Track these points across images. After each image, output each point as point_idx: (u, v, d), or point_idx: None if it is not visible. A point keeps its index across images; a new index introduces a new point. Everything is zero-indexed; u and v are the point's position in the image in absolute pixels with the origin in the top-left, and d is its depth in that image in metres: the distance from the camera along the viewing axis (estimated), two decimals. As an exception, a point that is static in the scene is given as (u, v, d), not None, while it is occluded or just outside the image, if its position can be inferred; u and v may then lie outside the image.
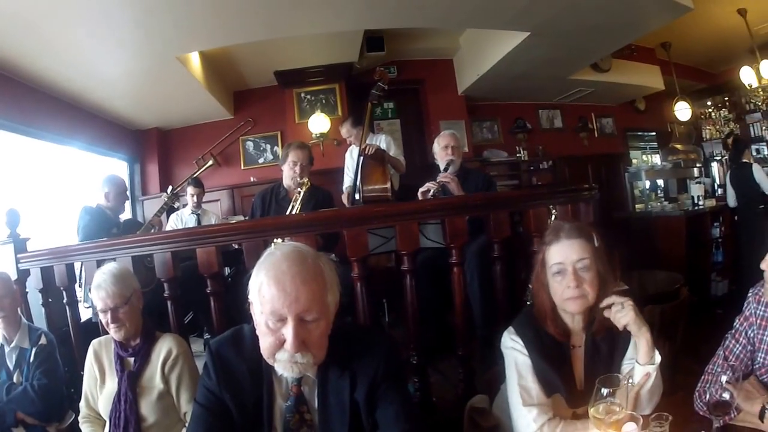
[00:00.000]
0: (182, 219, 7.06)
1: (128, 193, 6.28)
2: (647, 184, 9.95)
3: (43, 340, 3.77)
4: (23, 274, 4.26)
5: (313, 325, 1.92)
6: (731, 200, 8.32)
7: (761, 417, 2.03)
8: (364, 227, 3.42)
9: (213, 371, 2.10)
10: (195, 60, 7.41)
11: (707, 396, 2.10)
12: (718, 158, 11.95)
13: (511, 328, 2.52)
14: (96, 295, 3.02)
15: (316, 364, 2.01)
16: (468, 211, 3.78)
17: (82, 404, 3.21)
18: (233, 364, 2.10)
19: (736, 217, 8.15)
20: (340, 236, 3.62)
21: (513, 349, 2.46)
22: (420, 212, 3.68)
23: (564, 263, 2.33)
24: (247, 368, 2.08)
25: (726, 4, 8.49)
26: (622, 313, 2.29)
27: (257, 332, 1.99)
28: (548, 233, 2.45)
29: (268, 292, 1.89)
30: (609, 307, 2.33)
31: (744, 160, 8.15)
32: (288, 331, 1.87)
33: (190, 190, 6.99)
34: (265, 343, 1.94)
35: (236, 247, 4.25)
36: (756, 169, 7.71)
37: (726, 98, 12.40)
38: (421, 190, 4.99)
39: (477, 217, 4.02)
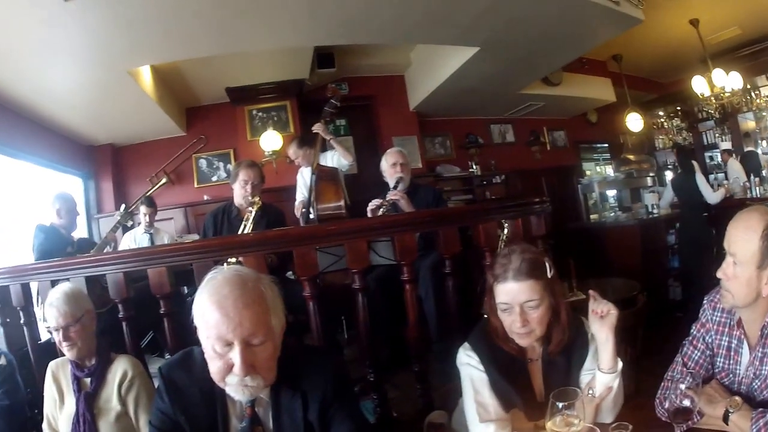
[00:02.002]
0: (135, 238, 7.01)
1: (78, 209, 6.21)
2: (600, 194, 10.07)
3: (2, 361, 3.72)
4: (-20, 294, 4.19)
5: (259, 349, 1.93)
6: (665, 204, 8.56)
7: (725, 419, 2.05)
8: (313, 246, 3.43)
9: (166, 394, 2.10)
10: (146, 75, 7.37)
11: (667, 403, 2.10)
12: (671, 167, 12.09)
13: (466, 344, 2.50)
14: (48, 313, 3.04)
15: (266, 386, 2.02)
16: (417, 227, 3.81)
17: (44, 426, 3.20)
18: (185, 387, 2.10)
19: (677, 225, 8.28)
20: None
21: (468, 365, 2.44)
22: (369, 230, 3.69)
23: (510, 303, 2.29)
24: (200, 390, 2.08)
25: (678, 15, 8.68)
26: (602, 321, 2.32)
27: (205, 356, 1.99)
28: (498, 266, 2.35)
29: (212, 317, 1.90)
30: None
31: (685, 168, 8.27)
32: (235, 356, 1.88)
33: (142, 209, 6.94)
34: (213, 368, 1.95)
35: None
36: (698, 176, 7.83)
37: (678, 108, 12.68)
38: (370, 207, 5.06)
39: (429, 232, 4.06)
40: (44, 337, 4.20)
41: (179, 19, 5.65)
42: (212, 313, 1.90)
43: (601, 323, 2.32)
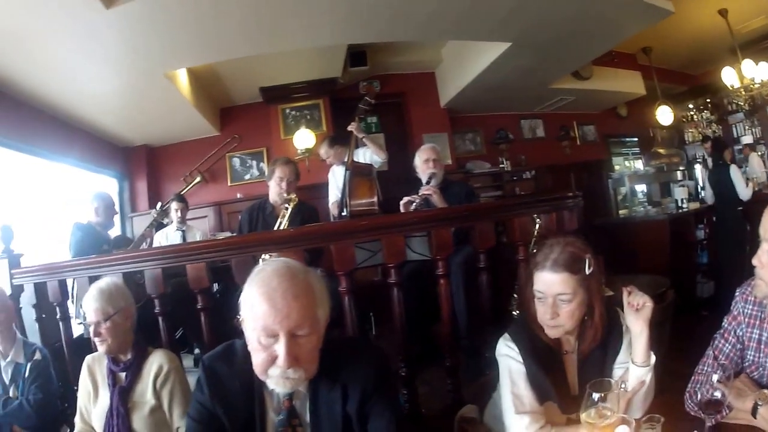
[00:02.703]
0: (167, 236, 7.05)
1: (116, 207, 6.29)
2: (630, 189, 10.01)
3: (37, 356, 3.79)
4: (17, 290, 4.23)
5: (304, 340, 1.93)
6: (709, 199, 8.36)
7: (753, 413, 2.03)
8: (350, 241, 3.44)
9: (206, 386, 2.12)
10: (182, 77, 7.45)
11: (698, 396, 2.09)
12: (700, 160, 11.79)
13: (506, 335, 2.53)
14: (83, 308, 3.09)
15: (307, 378, 2.02)
16: (453, 222, 3.81)
17: (77, 419, 3.22)
18: (225, 379, 2.12)
19: (714, 218, 8.14)
20: (325, 251, 3.65)
21: (507, 356, 2.47)
22: (405, 225, 3.70)
23: (545, 293, 2.32)
24: (239, 383, 2.09)
25: (706, 6, 8.53)
26: (637, 314, 2.32)
27: (249, 348, 2.00)
28: (540, 253, 2.40)
29: (260, 308, 1.90)
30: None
31: (720, 162, 8.09)
32: (280, 347, 1.89)
33: (174, 205, 7.00)
34: (257, 359, 1.96)
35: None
36: (733, 170, 7.68)
37: (708, 100, 12.41)
38: (403, 201, 5.04)
39: (461, 228, 4.06)
40: (76, 332, 4.32)
41: (216, 22, 5.70)
42: (260, 304, 1.91)
43: (637, 316, 2.31)
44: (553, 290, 2.30)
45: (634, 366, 2.32)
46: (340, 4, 5.81)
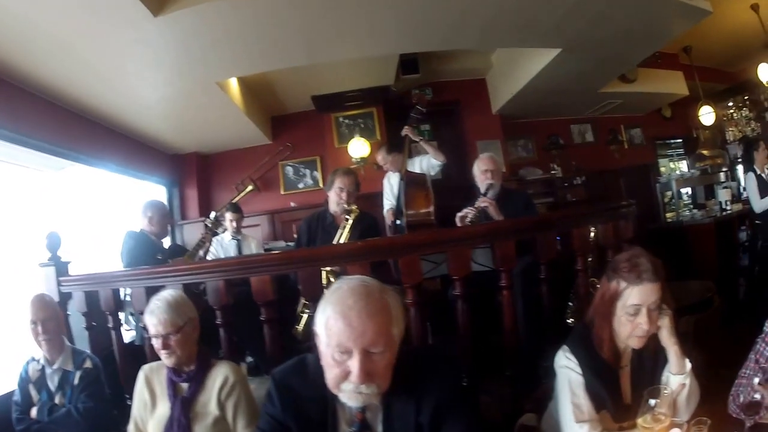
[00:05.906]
0: (222, 245, 7.12)
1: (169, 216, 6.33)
2: (676, 192, 10.14)
3: (88, 364, 3.84)
4: (64, 297, 4.28)
5: (378, 357, 1.96)
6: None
7: None
8: (416, 254, 3.45)
9: (277, 399, 2.16)
10: (234, 85, 7.51)
11: (741, 398, 2.18)
12: (740, 161, 11.71)
13: (565, 347, 2.62)
14: (148, 320, 3.08)
15: (380, 393, 2.04)
16: (516, 235, 3.79)
17: (130, 428, 3.23)
18: (297, 392, 2.15)
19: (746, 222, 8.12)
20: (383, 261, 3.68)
21: (567, 367, 2.56)
22: (470, 238, 3.71)
23: (642, 305, 2.38)
24: (312, 395, 2.12)
25: (739, 1, 8.47)
26: (659, 333, 2.45)
27: (323, 363, 2.03)
28: (626, 271, 2.43)
29: (335, 326, 1.93)
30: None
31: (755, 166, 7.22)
32: (354, 364, 1.91)
33: (228, 215, 7.06)
34: (330, 375, 1.99)
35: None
36: (748, 177, 7.14)
37: (746, 97, 12.16)
38: (459, 215, 5.05)
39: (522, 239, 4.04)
40: (125, 340, 4.38)
41: (268, 32, 5.76)
42: (336, 322, 1.94)
43: (660, 335, 2.49)
44: (650, 300, 2.39)
45: (672, 375, 2.48)
46: (396, 15, 5.83)
